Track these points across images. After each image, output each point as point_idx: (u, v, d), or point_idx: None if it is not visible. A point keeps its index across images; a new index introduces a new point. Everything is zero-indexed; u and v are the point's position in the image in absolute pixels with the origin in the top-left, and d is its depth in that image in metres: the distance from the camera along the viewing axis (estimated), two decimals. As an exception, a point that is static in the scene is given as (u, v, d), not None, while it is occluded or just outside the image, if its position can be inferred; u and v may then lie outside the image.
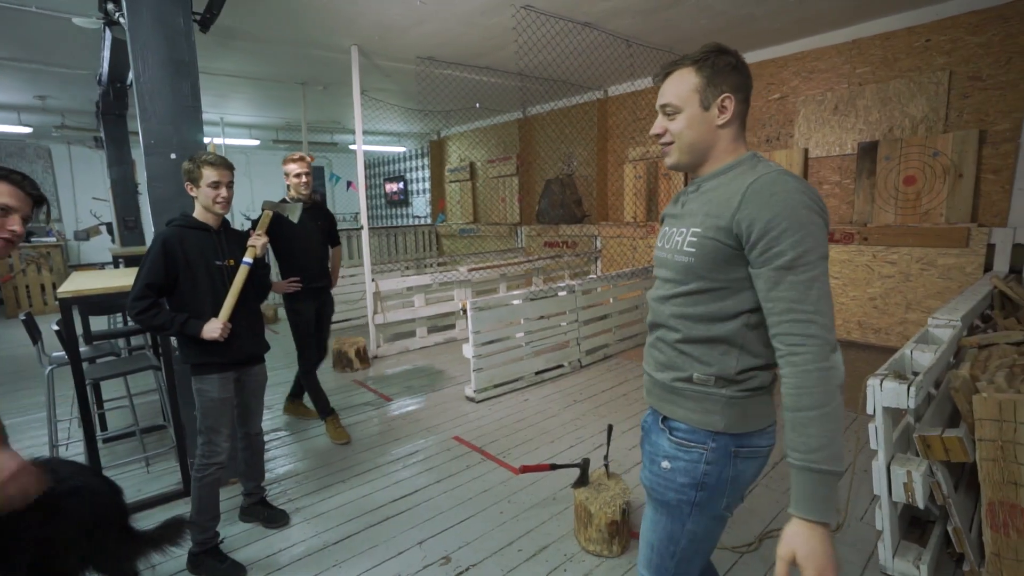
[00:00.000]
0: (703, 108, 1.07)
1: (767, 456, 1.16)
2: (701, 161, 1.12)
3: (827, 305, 0.96)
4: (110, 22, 2.88)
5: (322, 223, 3.25)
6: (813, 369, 0.93)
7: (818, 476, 0.92)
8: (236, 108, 7.71)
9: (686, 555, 1.17)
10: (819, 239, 0.97)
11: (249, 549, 2.22)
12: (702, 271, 1.07)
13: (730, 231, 1.02)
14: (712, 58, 1.06)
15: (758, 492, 2.50)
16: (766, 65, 5.33)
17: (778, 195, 0.98)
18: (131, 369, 2.85)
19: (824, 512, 0.91)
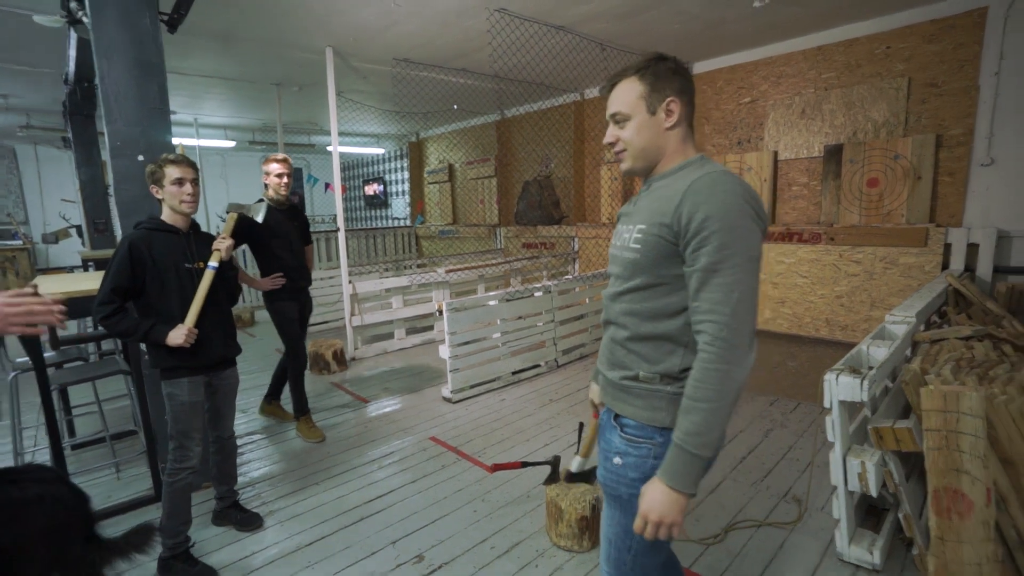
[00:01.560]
0: (650, 113, 1.12)
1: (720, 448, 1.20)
2: (653, 164, 1.17)
3: (746, 309, 0.99)
4: (73, 21, 2.83)
5: (298, 223, 3.26)
6: (713, 368, 0.99)
7: (686, 455, 1.01)
8: (210, 109, 7.59)
9: (642, 549, 1.20)
10: (749, 242, 1.01)
11: (222, 553, 2.21)
12: (646, 267, 1.11)
13: (671, 227, 1.06)
14: (653, 65, 1.11)
15: (725, 486, 2.57)
16: (737, 69, 5.45)
17: (715, 195, 1.02)
18: (99, 374, 2.80)
19: (681, 483, 1.02)
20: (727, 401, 0.99)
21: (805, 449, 2.90)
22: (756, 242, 1.02)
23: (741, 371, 0.99)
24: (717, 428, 1.00)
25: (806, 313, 4.99)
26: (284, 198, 3.14)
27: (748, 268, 1.00)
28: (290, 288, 3.15)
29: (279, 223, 3.11)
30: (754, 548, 2.12)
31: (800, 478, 2.60)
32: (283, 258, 3.12)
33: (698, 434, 1.00)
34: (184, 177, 2.03)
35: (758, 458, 2.83)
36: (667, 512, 1.03)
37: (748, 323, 1.00)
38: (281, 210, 3.14)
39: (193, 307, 2.05)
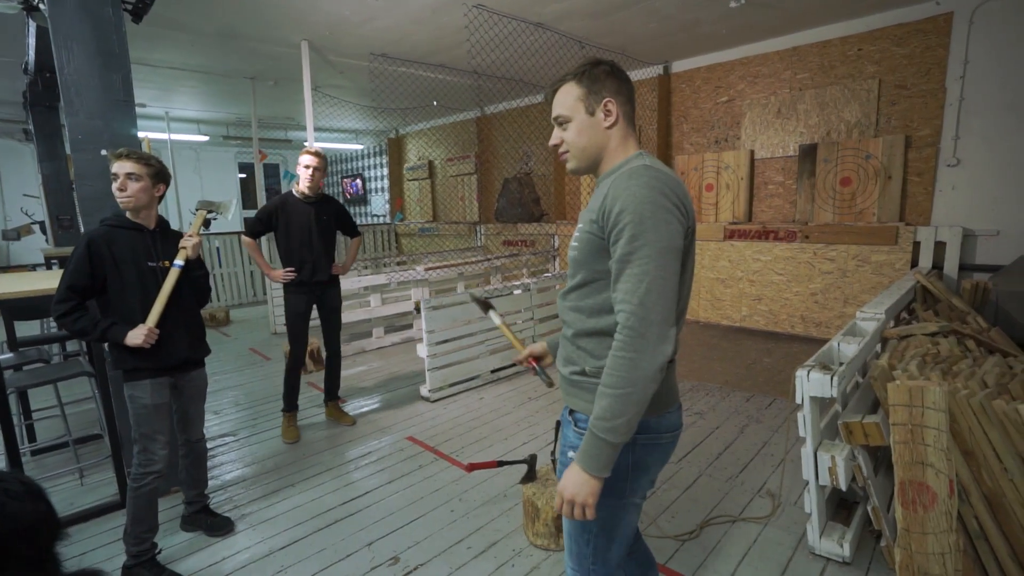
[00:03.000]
0: (589, 114, 1.16)
1: (671, 443, 1.22)
2: (597, 162, 1.20)
3: (655, 299, 1.00)
4: (29, 8, 2.71)
5: (328, 218, 3.19)
6: (620, 356, 1.01)
7: (594, 438, 1.03)
8: (182, 102, 7.39)
9: (600, 543, 1.21)
10: (661, 233, 1.02)
11: (191, 559, 2.15)
12: (583, 263, 1.15)
13: (598, 223, 1.09)
14: (588, 69, 1.16)
15: (701, 482, 2.60)
16: (714, 69, 5.52)
17: (629, 189, 1.05)
18: (59, 376, 2.70)
19: (590, 465, 1.04)
20: (635, 389, 1.00)
21: (779, 444, 2.94)
22: (671, 233, 1.03)
23: (649, 360, 1.00)
24: (625, 414, 1.01)
25: (782, 310, 5.08)
26: (309, 191, 3.08)
27: (659, 259, 1.01)
28: (299, 281, 3.11)
29: (297, 215, 3.08)
30: (728, 543, 2.15)
31: (774, 473, 2.64)
32: (296, 251, 3.09)
33: (605, 419, 1.02)
34: (117, 172, 1.94)
35: (733, 454, 2.87)
36: (578, 492, 1.05)
37: (657, 313, 1.00)
38: (308, 202, 3.10)
39: (155, 306, 1.98)
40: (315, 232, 3.12)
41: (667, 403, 1.20)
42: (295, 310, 3.18)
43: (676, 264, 1.04)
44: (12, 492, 1.42)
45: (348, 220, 3.38)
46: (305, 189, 3.08)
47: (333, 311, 3.32)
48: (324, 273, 3.19)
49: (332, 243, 3.27)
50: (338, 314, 3.36)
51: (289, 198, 3.12)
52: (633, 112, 1.21)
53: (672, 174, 1.12)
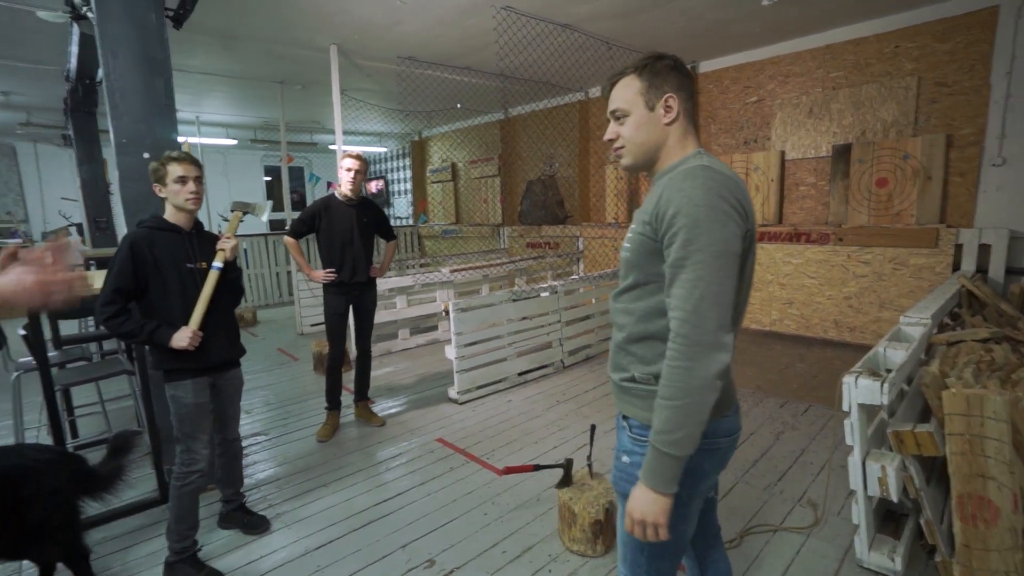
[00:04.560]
0: (648, 109, 1.13)
1: (729, 447, 1.20)
2: (653, 160, 1.17)
3: (709, 306, 0.97)
4: (77, 16, 2.80)
5: (368, 220, 3.23)
6: (675, 365, 0.98)
7: (658, 454, 1.01)
8: (213, 107, 7.55)
9: (656, 550, 1.18)
10: (716, 237, 0.98)
11: (229, 557, 2.18)
12: (636, 265, 1.12)
13: (651, 224, 1.07)
14: (651, 63, 1.13)
15: (739, 489, 2.54)
16: (744, 68, 5.42)
17: (684, 190, 1.02)
18: (102, 374, 2.76)
19: (655, 481, 1.02)
20: (693, 399, 0.98)
21: (818, 452, 2.86)
22: (727, 236, 0.99)
23: (705, 368, 0.97)
24: (685, 426, 0.98)
25: (814, 314, 4.96)
26: (352, 193, 3.13)
27: (714, 264, 0.98)
28: (339, 282, 3.15)
29: (339, 217, 3.12)
30: (771, 553, 2.09)
31: (815, 482, 2.57)
32: (338, 252, 3.13)
33: (665, 432, 0.99)
34: (187, 175, 1.98)
35: (771, 461, 2.80)
36: (647, 511, 1.03)
37: (712, 320, 0.97)
38: (350, 205, 3.14)
39: (197, 308, 2.01)
40: (356, 234, 3.15)
41: (723, 407, 1.17)
42: (335, 310, 3.21)
43: (732, 269, 1.01)
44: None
45: (386, 223, 3.41)
46: (347, 191, 3.11)
47: (367, 312, 3.35)
48: (363, 274, 3.21)
49: (371, 245, 3.30)
50: (372, 316, 3.39)
51: (332, 200, 3.16)
52: (694, 109, 1.19)
53: (732, 175, 1.08)
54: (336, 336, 3.24)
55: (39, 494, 1.67)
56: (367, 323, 3.37)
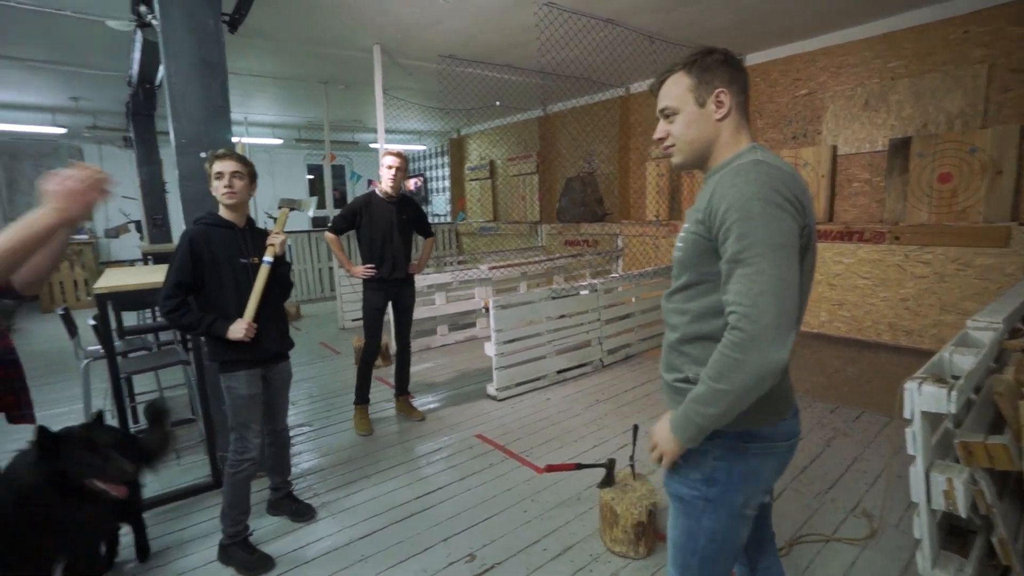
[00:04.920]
0: (699, 105, 1.11)
1: (788, 451, 1.16)
2: (705, 157, 1.15)
3: (769, 300, 0.93)
4: (142, 24, 2.94)
5: (407, 217, 3.28)
6: (725, 355, 0.97)
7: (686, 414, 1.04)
8: (260, 107, 7.83)
9: (708, 554, 1.16)
10: (772, 231, 0.95)
11: (278, 542, 2.25)
12: (689, 264, 1.11)
13: (704, 223, 1.05)
14: (700, 58, 1.10)
15: (788, 496, 2.45)
16: (793, 60, 5.22)
17: (735, 185, 0.99)
18: (162, 364, 2.91)
19: (678, 431, 1.07)
20: (735, 390, 0.96)
21: (873, 461, 2.73)
22: (783, 230, 0.96)
23: (757, 366, 0.93)
24: (717, 407, 0.99)
25: (866, 316, 4.74)
26: (392, 190, 3.18)
27: (773, 258, 0.94)
28: (379, 278, 3.20)
29: (380, 214, 3.17)
30: (822, 565, 2.01)
31: (869, 492, 2.45)
32: (378, 248, 3.18)
33: (698, 403, 1.02)
34: (223, 171, 2.04)
35: (821, 468, 2.69)
36: (662, 442, 1.12)
37: (771, 315, 0.93)
38: (390, 202, 3.20)
39: (251, 301, 2.08)
40: (396, 231, 3.20)
41: (782, 410, 1.14)
42: (373, 306, 3.26)
43: (793, 263, 0.97)
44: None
45: (425, 221, 3.45)
46: (388, 188, 3.16)
47: (406, 308, 3.39)
48: (402, 271, 3.26)
49: (410, 242, 3.35)
50: (411, 312, 3.43)
51: (373, 197, 3.21)
52: (747, 103, 1.15)
53: (788, 169, 1.05)
54: (373, 332, 3.29)
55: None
56: (406, 319, 3.41)
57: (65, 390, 4.21)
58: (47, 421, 1.53)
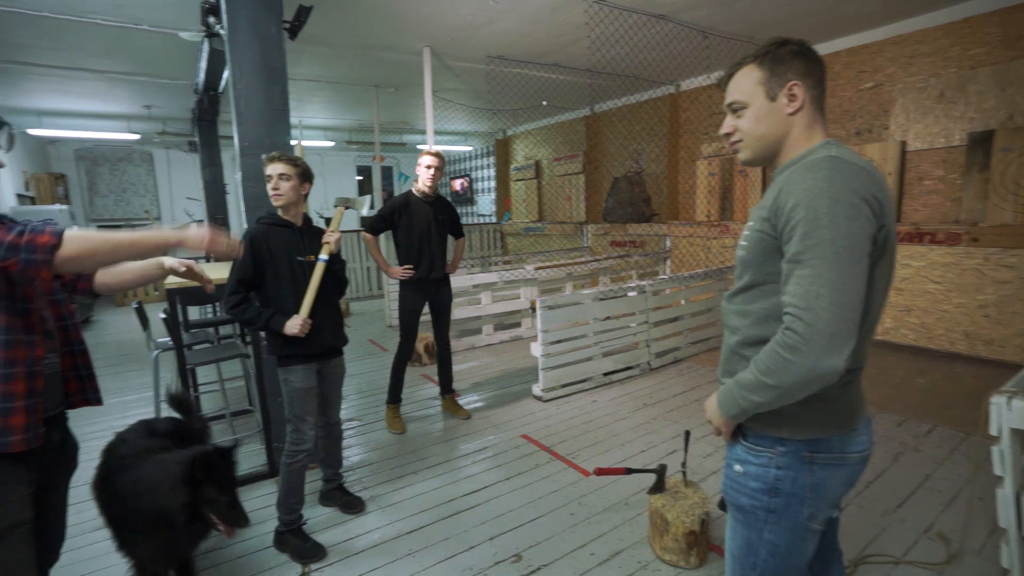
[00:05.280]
0: (769, 99, 1.06)
1: (860, 463, 1.10)
2: (774, 153, 1.10)
3: (827, 305, 0.89)
4: (210, 34, 3.10)
5: (443, 217, 3.31)
6: (777, 352, 0.94)
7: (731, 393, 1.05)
8: (313, 111, 8.11)
9: (769, 569, 1.11)
10: (840, 231, 0.90)
11: (329, 532, 2.32)
12: (752, 264, 1.07)
13: (770, 221, 1.00)
14: (772, 50, 1.06)
15: (851, 512, 2.31)
16: (858, 52, 4.94)
17: (805, 182, 0.95)
18: (224, 356, 3.05)
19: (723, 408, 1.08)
20: (781, 387, 0.95)
21: (948, 480, 2.54)
22: (853, 231, 0.91)
23: (807, 369, 0.90)
24: (760, 396, 0.98)
25: (938, 324, 4.43)
26: (431, 190, 3.22)
27: (836, 260, 0.89)
28: (417, 279, 3.23)
29: (418, 214, 3.20)
30: (892, 587, 1.88)
31: (944, 513, 2.28)
32: (416, 248, 3.20)
33: (743, 387, 1.01)
34: (272, 173, 2.12)
35: (888, 485, 2.52)
36: (711, 415, 1.14)
37: (828, 320, 0.89)
38: (427, 202, 3.23)
39: (307, 298, 2.15)
40: (434, 231, 3.22)
41: (853, 420, 1.07)
42: (411, 307, 3.28)
43: (859, 267, 0.91)
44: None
45: (458, 222, 3.47)
46: (425, 188, 3.18)
47: (445, 308, 3.41)
48: (440, 270, 3.29)
49: (446, 242, 3.36)
50: (449, 311, 3.45)
51: (411, 198, 3.24)
52: (823, 96, 1.09)
53: (865, 165, 0.98)
54: (410, 333, 3.31)
55: None
56: (445, 318, 3.42)
57: (136, 378, 4.48)
58: (120, 407, 1.65)
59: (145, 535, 1.58)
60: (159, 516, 1.53)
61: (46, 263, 1.12)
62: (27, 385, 1.25)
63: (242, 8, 2.56)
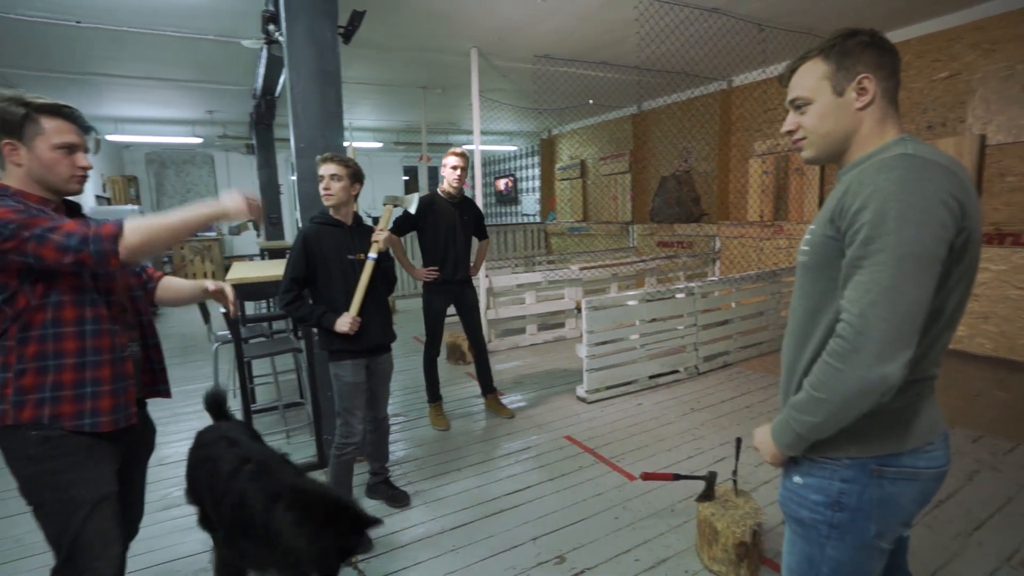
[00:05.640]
0: (836, 94, 1.00)
1: (934, 480, 1.02)
2: (841, 151, 1.04)
3: (881, 313, 0.84)
4: (270, 41, 3.23)
5: (468, 218, 3.32)
6: (828, 362, 0.91)
7: (786, 420, 1.00)
8: (363, 113, 8.33)
9: None
10: (906, 237, 0.84)
11: (375, 525, 2.36)
12: (815, 269, 1.01)
13: (834, 223, 0.95)
14: (840, 42, 0.99)
15: (919, 532, 2.16)
16: (932, 39, 4.62)
17: (876, 183, 0.88)
18: (279, 350, 3.17)
19: (777, 438, 1.04)
20: (834, 401, 0.90)
21: (1032, 502, 2.34)
22: (923, 238, 0.84)
23: (859, 379, 0.87)
24: (816, 416, 0.94)
25: (1021, 333, 4.09)
26: (456, 191, 3.23)
27: (898, 268, 0.84)
28: (442, 280, 3.24)
29: (443, 215, 3.21)
30: (967, 615, 1.74)
31: (1028, 538, 2.10)
32: (441, 248, 3.21)
33: (798, 409, 0.97)
34: (324, 174, 2.18)
35: (962, 505, 2.34)
36: (762, 445, 1.10)
37: (880, 329, 0.85)
38: (452, 203, 3.25)
39: (356, 296, 2.20)
40: (459, 232, 3.22)
41: (926, 433, 1.00)
42: (437, 308, 3.29)
43: (924, 276, 0.85)
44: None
45: (482, 223, 3.46)
46: (451, 188, 3.19)
47: (473, 308, 3.40)
48: (464, 272, 3.29)
49: (471, 244, 3.36)
50: (477, 311, 3.44)
51: (436, 198, 3.23)
52: (896, 88, 1.01)
53: (948, 163, 0.90)
54: (435, 334, 3.32)
55: None
56: (475, 318, 3.41)
57: (197, 369, 4.74)
58: (182, 396, 1.73)
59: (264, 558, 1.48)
60: (286, 553, 1.39)
61: (113, 252, 1.20)
62: (112, 370, 1.34)
63: (300, 15, 2.65)
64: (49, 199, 1.32)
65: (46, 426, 1.25)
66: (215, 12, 3.89)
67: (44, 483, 1.27)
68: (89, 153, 1.38)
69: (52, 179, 1.30)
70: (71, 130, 1.31)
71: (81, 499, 1.29)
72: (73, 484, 1.28)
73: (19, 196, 1.26)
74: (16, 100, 1.24)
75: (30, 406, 1.24)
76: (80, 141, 1.33)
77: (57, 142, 1.28)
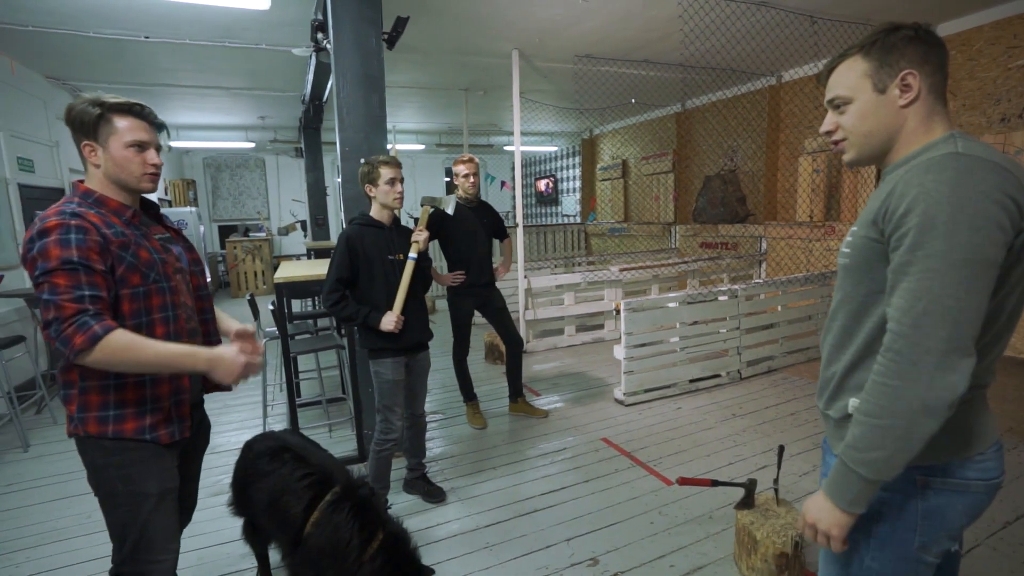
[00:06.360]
0: (878, 92, 0.95)
1: (986, 493, 0.95)
2: (885, 150, 0.98)
3: (935, 322, 0.80)
4: (318, 48, 3.35)
5: (487, 221, 3.37)
6: (880, 382, 0.85)
7: (844, 468, 0.90)
8: (406, 116, 8.51)
9: None
10: (958, 241, 0.79)
11: (410, 520, 2.40)
12: (856, 272, 0.97)
13: (878, 225, 0.90)
14: (881, 38, 0.94)
15: (982, 554, 2.03)
16: (1007, 24, 4.31)
17: (924, 184, 0.83)
18: (322, 347, 3.29)
19: (837, 496, 0.92)
20: (898, 422, 0.83)
21: (1111, 526, 2.15)
22: (977, 243, 0.79)
23: (921, 393, 0.81)
24: (882, 448, 0.85)
25: (1103, 342, 3.75)
26: (472, 196, 3.30)
27: (950, 274, 0.79)
28: (468, 284, 3.28)
29: (466, 219, 3.26)
30: (1033, 644, 1.62)
31: (1106, 564, 1.93)
32: (464, 253, 3.26)
33: (857, 449, 0.88)
34: (396, 177, 2.23)
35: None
36: (820, 518, 0.94)
37: (935, 338, 0.80)
38: (470, 207, 3.30)
39: (399, 295, 2.25)
40: (480, 235, 3.26)
41: (975, 442, 0.94)
42: (465, 311, 3.33)
43: (979, 282, 0.80)
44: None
45: (502, 224, 3.48)
46: (467, 194, 3.24)
47: (502, 309, 3.41)
48: (488, 274, 3.32)
49: (492, 246, 3.40)
50: (507, 311, 3.44)
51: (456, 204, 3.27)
52: (944, 83, 0.96)
53: (1003, 162, 0.84)
54: (464, 336, 3.36)
55: None
56: (505, 317, 3.41)
57: (249, 363, 4.95)
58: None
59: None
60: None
61: (72, 356, 1.16)
62: (171, 386, 1.37)
63: (346, 23, 2.75)
64: (126, 204, 1.34)
65: (110, 439, 1.30)
66: (268, 24, 4.08)
67: (115, 475, 1.31)
68: (161, 151, 1.40)
69: (125, 178, 1.31)
70: (142, 127, 1.32)
71: (148, 492, 1.34)
72: (142, 477, 1.33)
73: (97, 201, 1.30)
74: (93, 102, 1.27)
75: (93, 423, 1.28)
76: (151, 139, 1.34)
77: (129, 140, 1.28)
